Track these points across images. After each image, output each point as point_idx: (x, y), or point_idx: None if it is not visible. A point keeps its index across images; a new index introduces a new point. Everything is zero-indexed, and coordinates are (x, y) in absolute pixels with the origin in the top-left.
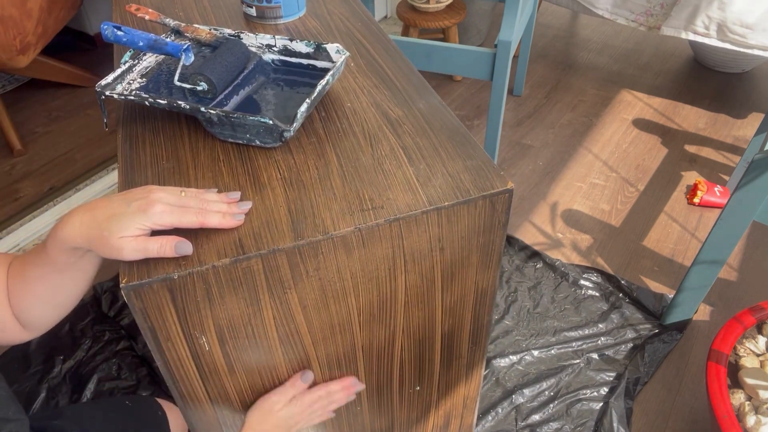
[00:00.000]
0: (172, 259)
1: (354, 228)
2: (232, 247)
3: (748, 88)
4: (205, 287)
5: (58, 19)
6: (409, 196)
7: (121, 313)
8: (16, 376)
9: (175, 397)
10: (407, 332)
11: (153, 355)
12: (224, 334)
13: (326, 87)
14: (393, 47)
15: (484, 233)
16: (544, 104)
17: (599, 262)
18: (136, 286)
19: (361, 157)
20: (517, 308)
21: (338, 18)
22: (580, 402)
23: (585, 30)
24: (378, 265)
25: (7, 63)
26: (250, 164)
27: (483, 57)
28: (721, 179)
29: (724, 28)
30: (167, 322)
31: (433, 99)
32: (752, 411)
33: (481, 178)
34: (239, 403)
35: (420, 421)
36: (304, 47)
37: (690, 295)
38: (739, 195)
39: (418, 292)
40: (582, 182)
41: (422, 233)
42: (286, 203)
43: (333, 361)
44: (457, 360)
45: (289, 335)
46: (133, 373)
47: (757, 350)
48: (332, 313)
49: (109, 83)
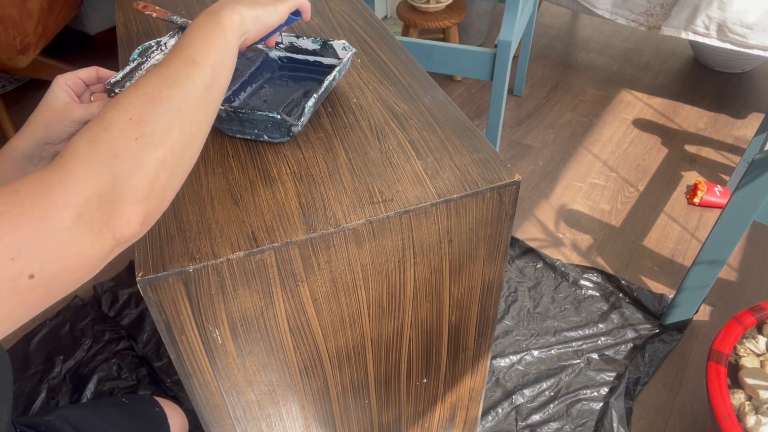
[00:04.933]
0: (186, 253)
1: (365, 220)
2: (246, 240)
3: (748, 88)
4: (219, 280)
5: (58, 19)
6: (418, 189)
7: (121, 313)
8: (16, 376)
9: (187, 390)
10: (415, 324)
11: (167, 348)
12: (237, 327)
13: (333, 82)
14: (396, 44)
15: (491, 225)
16: (544, 104)
17: (599, 262)
18: (152, 280)
19: (369, 151)
20: (517, 308)
21: (341, 15)
22: (580, 402)
23: (585, 30)
24: (388, 257)
25: (7, 63)
26: (260, 159)
27: (483, 57)
28: (721, 179)
29: (724, 28)
30: (182, 315)
31: (438, 94)
32: (752, 411)
33: (488, 170)
34: (251, 396)
35: (426, 413)
36: (311, 44)
37: (690, 295)
38: (739, 195)
39: (426, 284)
40: (582, 182)
41: (431, 225)
42: (297, 197)
43: (342, 353)
44: (463, 352)
45: (300, 328)
46: (133, 373)
47: (757, 350)
48: (342, 305)
49: (118, 80)
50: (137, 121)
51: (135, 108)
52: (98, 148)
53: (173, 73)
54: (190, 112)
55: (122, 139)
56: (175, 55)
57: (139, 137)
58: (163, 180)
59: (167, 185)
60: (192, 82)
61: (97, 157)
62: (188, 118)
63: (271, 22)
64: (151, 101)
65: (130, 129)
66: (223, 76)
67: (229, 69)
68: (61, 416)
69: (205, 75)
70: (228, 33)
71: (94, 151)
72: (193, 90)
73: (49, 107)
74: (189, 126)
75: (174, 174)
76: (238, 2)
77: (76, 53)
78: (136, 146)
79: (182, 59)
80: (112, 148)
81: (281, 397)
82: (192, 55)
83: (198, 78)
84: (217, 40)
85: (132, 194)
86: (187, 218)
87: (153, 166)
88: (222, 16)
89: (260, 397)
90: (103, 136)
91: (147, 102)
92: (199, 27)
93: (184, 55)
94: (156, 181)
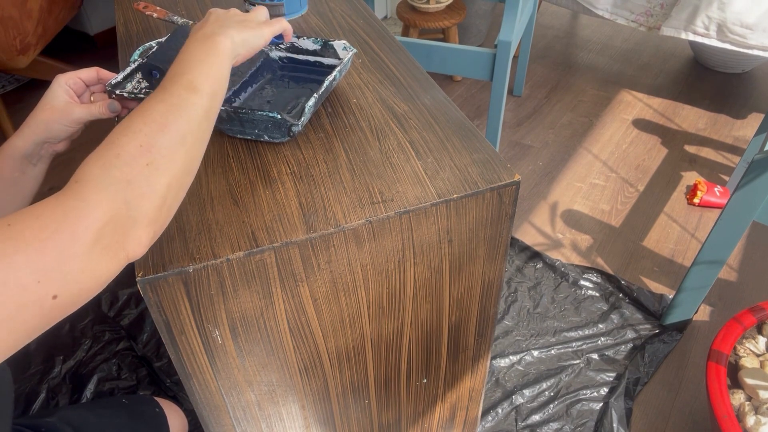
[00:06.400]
0: (186, 253)
1: (365, 220)
2: (246, 240)
3: (748, 89)
4: (219, 280)
5: (58, 19)
6: (418, 189)
7: (121, 313)
8: (16, 376)
9: (187, 390)
10: (415, 324)
11: (167, 348)
12: (237, 327)
13: (334, 83)
14: (396, 44)
15: (491, 225)
16: (544, 104)
17: (599, 262)
18: (151, 280)
19: (369, 152)
20: (517, 308)
21: (340, 15)
22: (580, 402)
23: (585, 30)
24: (388, 257)
25: (7, 63)
26: (260, 159)
27: (483, 57)
28: (721, 179)
29: (724, 28)
30: (181, 316)
31: (438, 94)
32: (752, 411)
33: (488, 170)
34: (251, 396)
35: (426, 413)
36: (311, 44)
37: (690, 295)
38: (739, 195)
39: (426, 284)
40: (582, 182)
41: (431, 225)
42: (297, 197)
43: (342, 353)
44: (463, 352)
45: (300, 328)
46: (133, 373)
47: (757, 350)
48: (342, 305)
49: (119, 82)
50: (147, 147)
51: (145, 135)
52: (112, 174)
53: (177, 101)
54: (193, 137)
55: (134, 165)
56: (175, 81)
57: (149, 163)
58: (169, 201)
59: (171, 206)
60: (195, 109)
61: (112, 183)
62: (191, 142)
63: (257, 45)
64: (159, 129)
65: (141, 155)
66: (219, 100)
67: (223, 92)
68: (62, 417)
69: (205, 101)
70: (223, 58)
71: (108, 177)
72: (195, 116)
73: (50, 106)
74: (191, 150)
75: (177, 195)
76: (228, 26)
77: (76, 53)
78: (147, 172)
79: (183, 86)
80: (125, 174)
81: (281, 397)
82: (193, 81)
83: (199, 105)
84: (214, 66)
85: (144, 218)
86: (187, 218)
87: (162, 190)
88: (217, 42)
89: (260, 398)
90: (116, 162)
91: (155, 129)
92: (195, 51)
93: (185, 82)
94: (164, 204)
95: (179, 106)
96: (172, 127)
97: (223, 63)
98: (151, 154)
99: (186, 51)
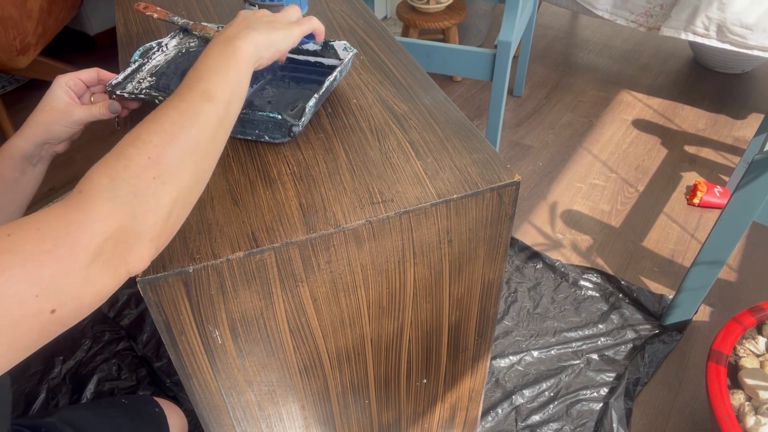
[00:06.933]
0: (186, 253)
1: (365, 221)
2: (246, 240)
3: (748, 89)
4: (219, 280)
5: (58, 19)
6: (418, 189)
7: (121, 313)
8: (16, 376)
9: (187, 390)
10: (415, 325)
11: (167, 349)
12: (237, 327)
13: (334, 83)
14: (396, 44)
15: (491, 225)
16: (544, 105)
17: (599, 262)
18: (151, 280)
19: (369, 152)
20: (517, 309)
21: (340, 15)
22: (580, 402)
23: (585, 31)
24: (388, 257)
25: (7, 63)
26: (260, 160)
27: (483, 57)
28: (720, 180)
29: (724, 28)
30: (182, 316)
31: (438, 94)
32: (752, 411)
33: (488, 170)
34: (251, 397)
35: (426, 414)
36: (312, 45)
37: (690, 295)
38: (739, 195)
39: (426, 284)
40: (582, 183)
41: (431, 225)
42: (297, 197)
43: (342, 354)
44: (463, 352)
45: (300, 328)
46: (133, 373)
47: (757, 351)
48: (342, 306)
49: (119, 82)
50: (156, 159)
51: (154, 146)
52: (118, 186)
53: (191, 108)
54: (203, 148)
55: (142, 178)
56: (191, 88)
57: (157, 176)
58: (174, 216)
59: (177, 220)
60: (208, 118)
61: (117, 196)
62: (201, 154)
63: (285, 46)
64: (169, 140)
65: (149, 168)
66: (235, 109)
67: (240, 100)
68: (61, 417)
69: (219, 111)
70: (242, 65)
71: (115, 189)
72: (208, 126)
73: (50, 107)
74: (201, 162)
75: (184, 209)
76: (254, 28)
77: (76, 53)
78: (154, 185)
79: (198, 93)
80: (132, 187)
81: (281, 397)
82: (209, 88)
83: (213, 114)
84: (231, 72)
85: (148, 232)
86: (187, 218)
87: (169, 204)
88: (237, 47)
89: (260, 398)
90: (123, 174)
91: (166, 140)
92: (215, 57)
93: (200, 89)
94: (169, 218)
95: (192, 113)
96: (183, 139)
97: (240, 69)
98: (159, 166)
99: (206, 55)
